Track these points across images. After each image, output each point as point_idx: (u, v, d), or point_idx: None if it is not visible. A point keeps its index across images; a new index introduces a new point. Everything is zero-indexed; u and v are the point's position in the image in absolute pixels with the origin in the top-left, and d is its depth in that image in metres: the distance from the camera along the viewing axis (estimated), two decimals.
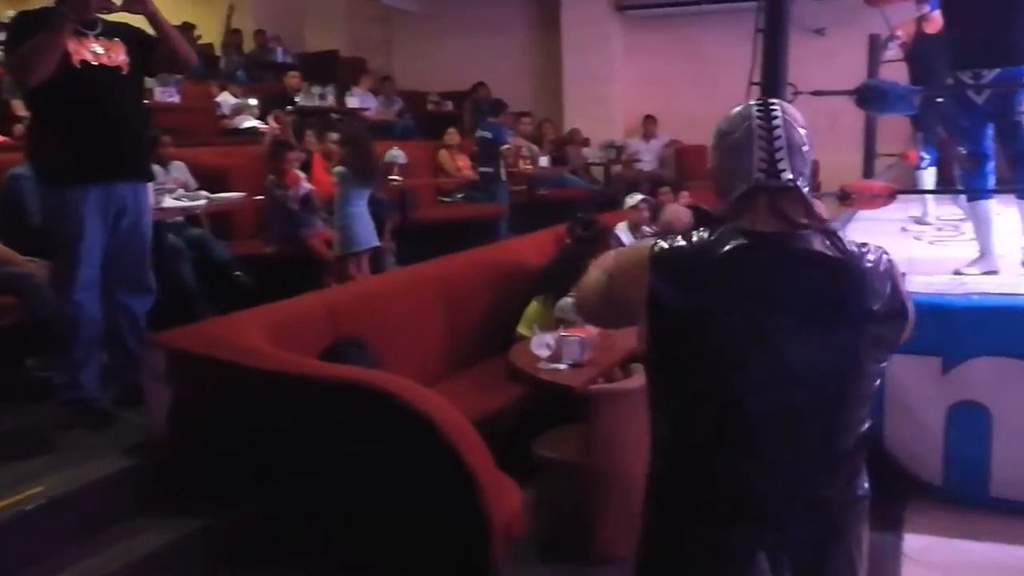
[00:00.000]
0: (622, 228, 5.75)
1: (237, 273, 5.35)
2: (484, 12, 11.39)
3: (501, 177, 8.22)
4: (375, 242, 5.45)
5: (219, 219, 5.89)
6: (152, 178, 3.78)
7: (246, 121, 8.14)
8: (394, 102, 10.41)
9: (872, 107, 4.63)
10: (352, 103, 9.54)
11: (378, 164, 5.96)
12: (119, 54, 3.43)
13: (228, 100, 8.46)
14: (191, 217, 5.40)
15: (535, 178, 9.08)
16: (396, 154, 6.79)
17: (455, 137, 8.75)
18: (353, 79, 10.11)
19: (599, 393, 3.21)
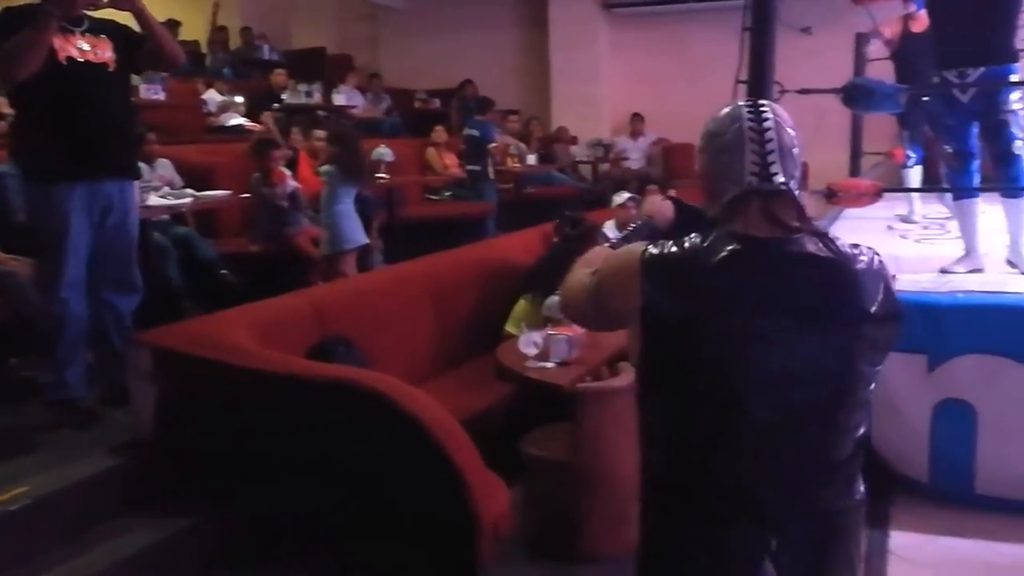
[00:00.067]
0: (610, 226, 5.75)
1: (223, 271, 5.33)
2: (471, 10, 11.38)
3: (489, 175, 8.22)
4: (364, 240, 5.44)
5: (205, 217, 5.86)
6: (139, 176, 3.76)
7: (232, 119, 8.11)
8: (382, 99, 10.39)
9: (858, 105, 4.64)
10: (339, 100, 9.51)
11: (366, 162, 5.95)
12: (106, 51, 3.41)
13: (214, 98, 8.42)
14: (177, 215, 5.37)
15: (523, 176, 9.08)
16: (383, 152, 6.78)
17: (442, 135, 8.73)
18: (340, 76, 10.08)
19: (586, 391, 3.21)
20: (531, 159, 9.28)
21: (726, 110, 1.54)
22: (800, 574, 1.45)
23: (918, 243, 5.27)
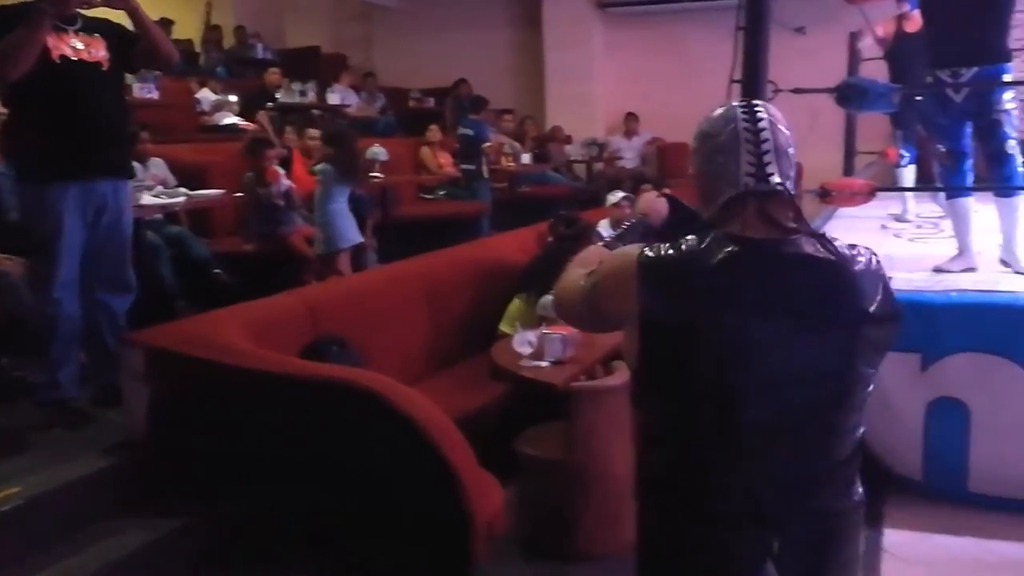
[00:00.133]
0: (604, 225, 5.75)
1: (216, 271, 5.32)
2: (465, 9, 11.37)
3: (483, 174, 8.22)
4: (358, 239, 5.44)
5: (198, 216, 5.86)
6: (133, 175, 3.75)
7: (226, 118, 8.10)
8: (377, 98, 10.38)
9: (852, 105, 4.65)
10: (333, 99, 9.50)
11: (362, 162, 5.95)
12: (99, 50, 3.40)
13: (208, 96, 8.41)
14: (170, 214, 5.37)
15: (517, 175, 9.07)
16: (377, 151, 6.77)
17: (437, 134, 8.72)
18: (334, 76, 10.07)
19: (580, 390, 3.21)
20: (525, 158, 9.28)
21: (719, 111, 1.52)
22: (801, 575, 1.45)
23: (912, 242, 5.27)
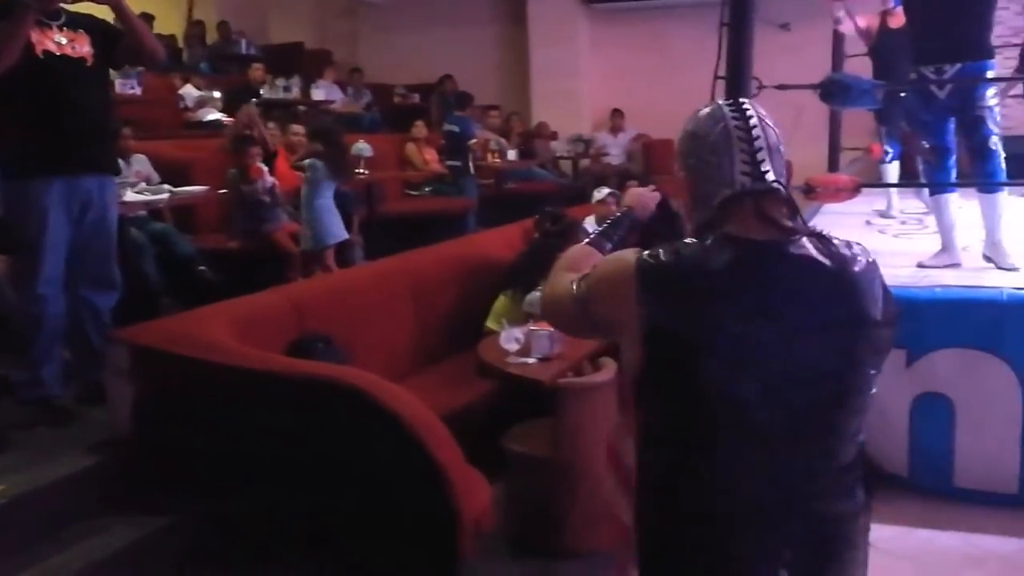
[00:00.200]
0: (590, 222, 5.75)
1: (201, 268, 5.29)
2: (450, 5, 11.34)
3: (469, 171, 8.20)
4: (344, 235, 5.42)
5: (182, 213, 5.81)
6: (119, 172, 3.73)
7: (209, 114, 8.05)
8: (363, 94, 10.34)
9: (836, 101, 4.68)
10: (318, 95, 9.46)
11: (349, 158, 5.94)
12: (83, 45, 3.37)
13: (191, 93, 8.35)
14: (154, 211, 5.33)
15: (503, 172, 9.06)
16: (362, 147, 6.75)
17: (422, 130, 8.70)
18: (318, 71, 10.03)
19: (567, 387, 3.20)
20: (511, 155, 9.26)
21: (705, 110, 1.49)
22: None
23: (896, 238, 5.30)
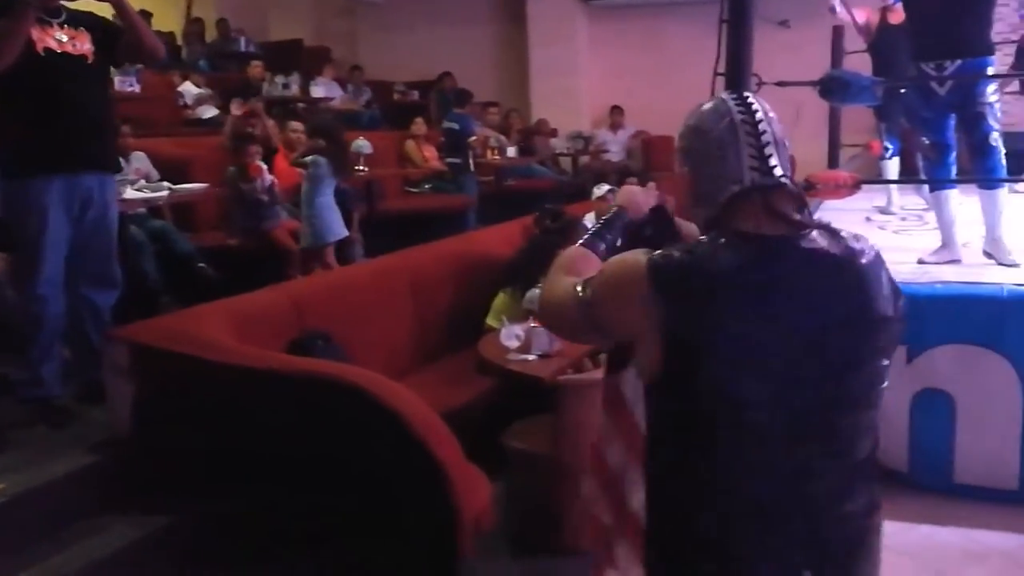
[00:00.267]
0: (590, 219, 5.74)
1: (201, 265, 5.28)
2: (449, 2, 11.31)
3: (469, 168, 8.19)
4: (344, 233, 5.42)
5: (182, 211, 5.81)
6: (119, 170, 3.72)
7: (208, 112, 8.04)
8: (363, 92, 10.32)
9: (835, 98, 4.66)
10: (317, 93, 9.45)
11: (350, 155, 5.95)
12: (84, 43, 3.36)
13: (190, 90, 8.34)
14: (153, 209, 5.33)
15: (503, 169, 9.05)
16: (362, 144, 6.73)
17: (422, 127, 8.67)
18: (316, 69, 10.01)
19: (567, 384, 3.20)
20: (511, 152, 9.25)
21: (709, 105, 1.46)
22: (841, 572, 1.40)
23: (896, 234, 5.30)
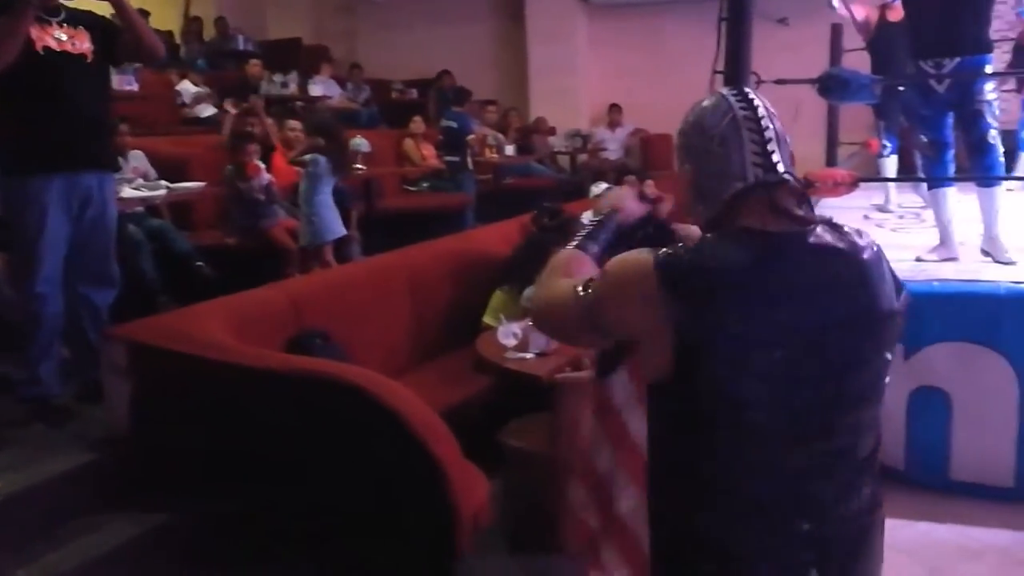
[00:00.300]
0: (588, 217, 5.74)
1: (199, 264, 5.28)
2: (448, 1, 11.31)
3: (467, 166, 8.18)
4: (343, 231, 5.42)
5: (180, 209, 5.81)
6: (118, 169, 3.71)
7: (207, 110, 8.04)
8: (362, 90, 10.32)
9: (834, 96, 4.66)
10: (315, 91, 9.45)
11: (349, 153, 5.96)
12: (83, 42, 3.36)
13: (188, 89, 8.34)
14: (151, 207, 5.33)
15: (501, 167, 9.05)
16: (360, 143, 6.73)
17: (420, 126, 8.66)
18: (315, 67, 10.00)
19: (565, 382, 3.20)
20: (509, 150, 9.25)
21: (709, 101, 1.44)
22: (845, 569, 1.39)
23: (894, 232, 5.30)
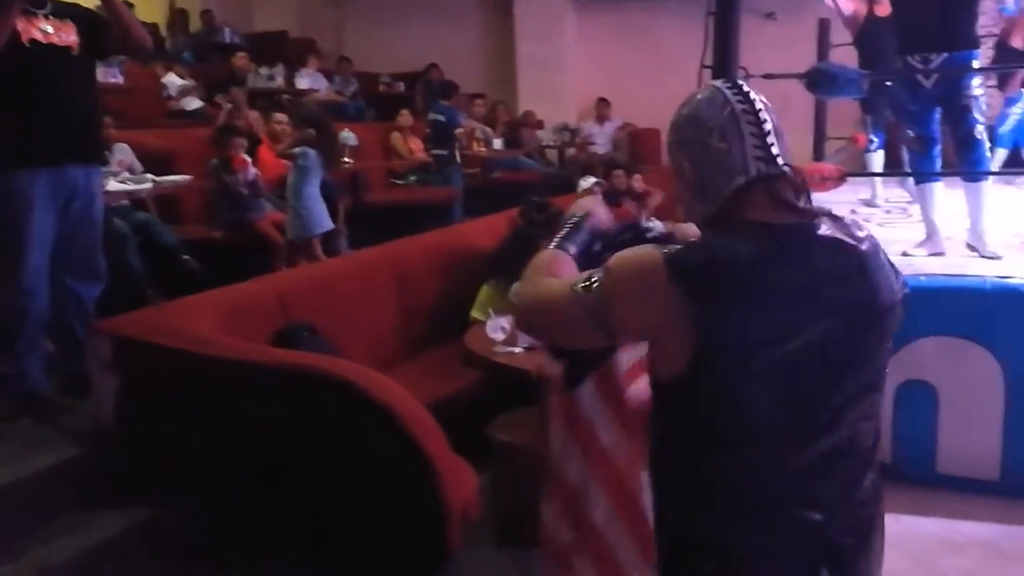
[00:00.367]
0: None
1: (185, 257, 5.25)
2: None
3: (455, 160, 8.16)
4: (331, 225, 5.40)
5: (166, 203, 5.77)
6: (106, 162, 3.68)
7: (192, 103, 7.99)
8: (351, 83, 10.27)
9: (822, 91, 4.68)
10: (302, 84, 9.40)
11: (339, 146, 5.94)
12: (70, 34, 3.33)
13: (174, 81, 8.28)
14: (136, 201, 5.29)
15: (489, 161, 9.03)
16: (347, 136, 6.70)
17: (408, 119, 8.63)
18: (301, 60, 9.95)
19: (553, 376, 3.19)
20: (497, 144, 9.23)
21: (705, 94, 1.41)
22: (849, 565, 1.38)
23: (881, 227, 5.32)
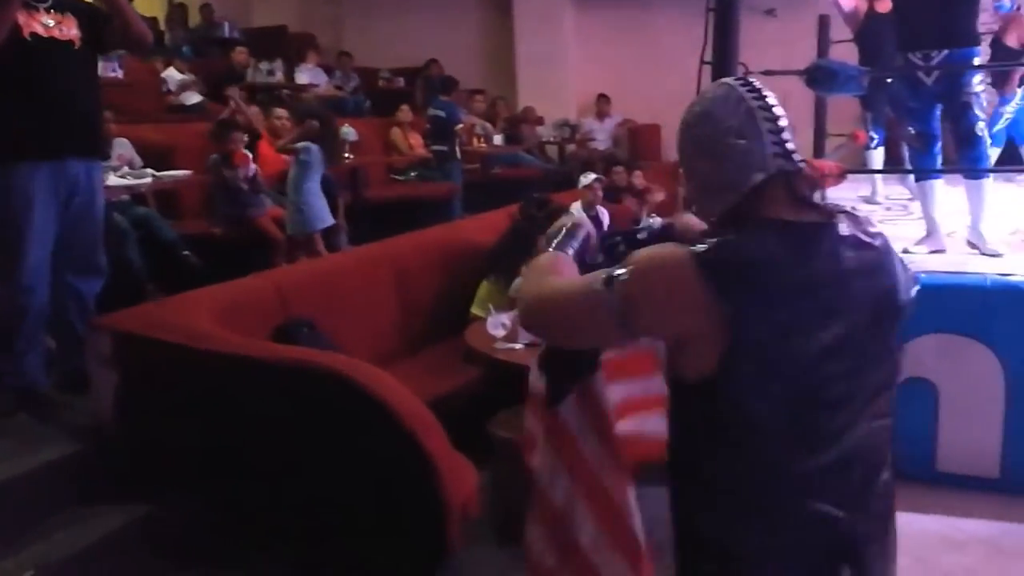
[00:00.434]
0: (577, 207, 5.74)
1: (185, 253, 5.24)
2: None
3: (455, 155, 8.15)
4: (331, 220, 5.40)
5: (165, 198, 5.77)
6: (107, 157, 3.67)
7: (192, 98, 7.98)
8: (351, 78, 10.25)
9: (821, 87, 4.67)
10: (302, 79, 9.38)
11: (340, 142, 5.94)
12: (71, 28, 3.32)
13: (173, 76, 8.27)
14: (136, 196, 5.28)
15: (489, 157, 9.02)
16: (347, 131, 6.70)
17: (408, 114, 8.61)
18: (301, 55, 9.94)
19: (537, 392, 3.18)
20: (497, 139, 9.22)
21: (718, 92, 1.40)
22: (867, 559, 1.39)
23: (881, 224, 5.28)
